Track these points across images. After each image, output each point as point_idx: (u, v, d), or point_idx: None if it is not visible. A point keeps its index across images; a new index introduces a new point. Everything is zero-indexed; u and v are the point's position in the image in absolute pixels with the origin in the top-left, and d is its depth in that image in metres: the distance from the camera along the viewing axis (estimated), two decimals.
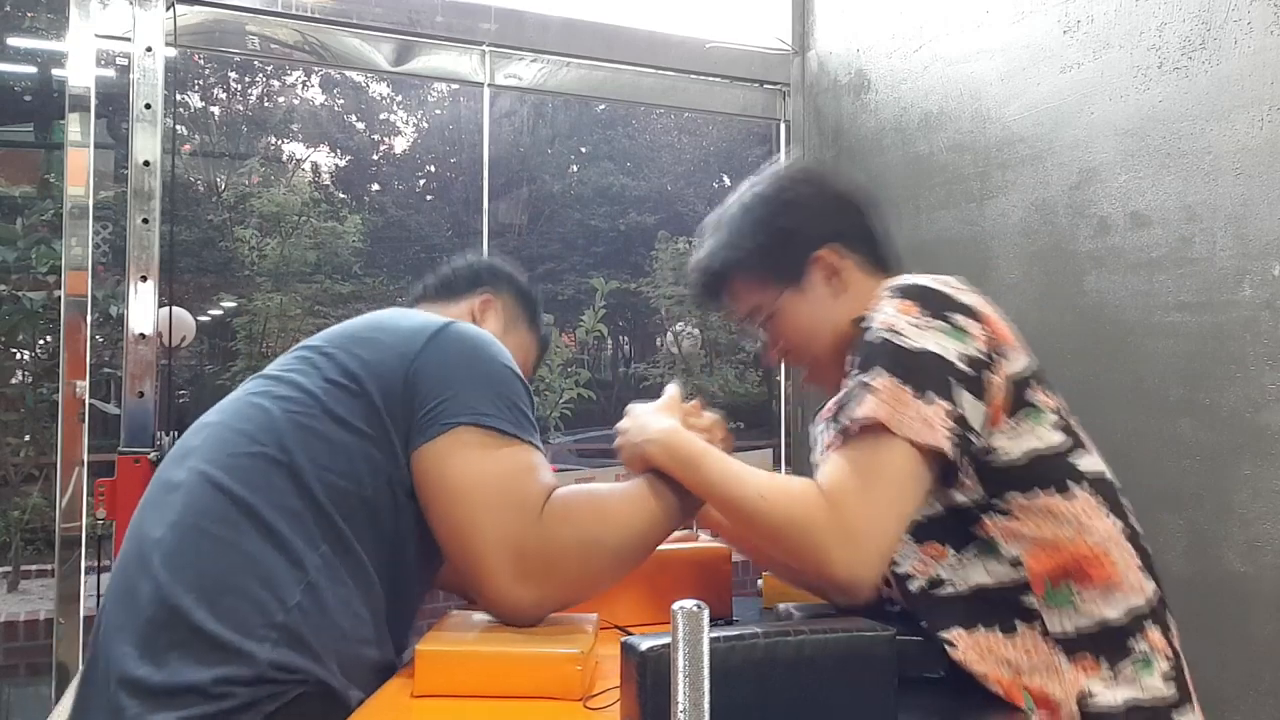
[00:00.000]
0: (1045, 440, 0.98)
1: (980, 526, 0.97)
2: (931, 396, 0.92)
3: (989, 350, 0.97)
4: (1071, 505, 0.97)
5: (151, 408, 1.77)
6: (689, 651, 0.50)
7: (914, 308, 0.98)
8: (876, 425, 0.92)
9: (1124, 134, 1.62)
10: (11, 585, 5.75)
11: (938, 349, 0.95)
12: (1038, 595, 0.95)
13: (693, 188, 14.03)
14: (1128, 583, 0.97)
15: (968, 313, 0.98)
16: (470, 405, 0.96)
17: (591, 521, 0.97)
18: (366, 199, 13.45)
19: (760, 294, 1.12)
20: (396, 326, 1.02)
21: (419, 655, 0.89)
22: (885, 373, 0.94)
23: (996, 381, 0.96)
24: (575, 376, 5.85)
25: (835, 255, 1.10)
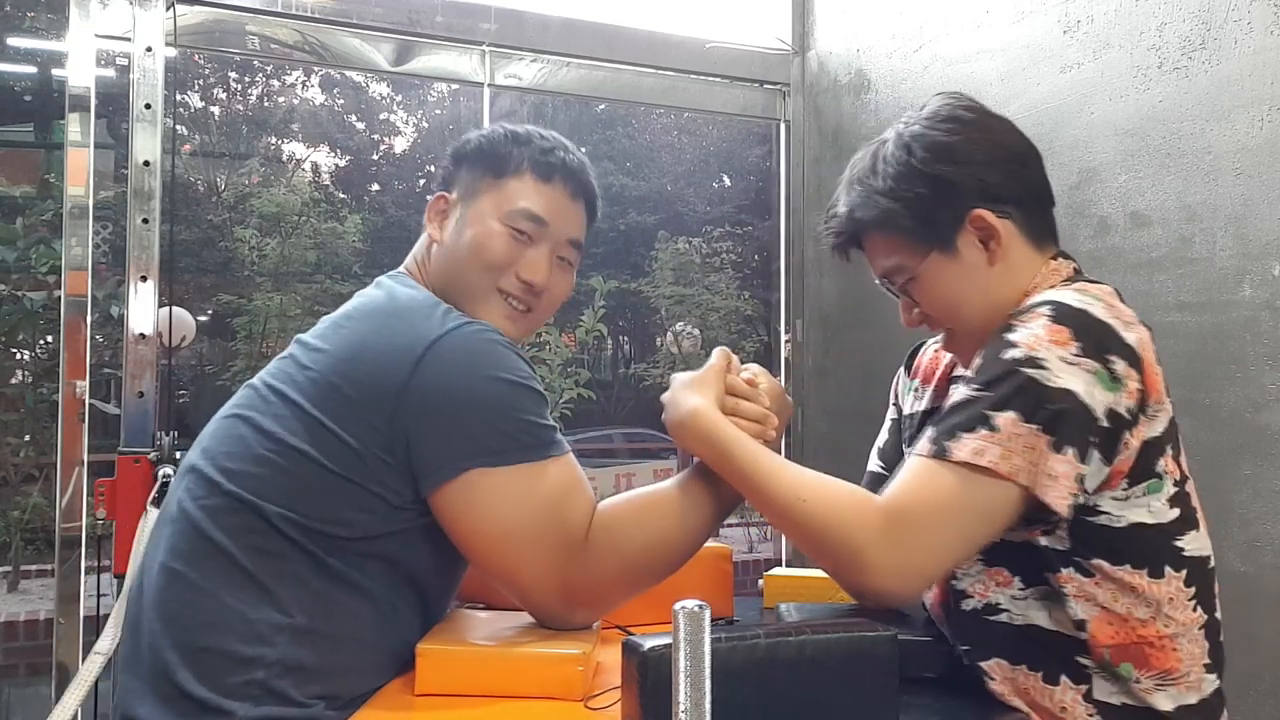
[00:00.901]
0: (1157, 516, 0.90)
1: (1057, 577, 0.91)
2: (1068, 452, 0.83)
3: (1138, 407, 0.87)
4: (1157, 588, 0.90)
5: (151, 408, 1.77)
6: (690, 652, 0.50)
7: (1070, 339, 0.86)
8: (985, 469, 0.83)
9: (1124, 134, 1.62)
10: (11, 585, 5.75)
11: (1085, 396, 0.84)
12: (1095, 661, 0.90)
13: (693, 188, 14.01)
14: (1188, 679, 0.91)
15: (1129, 358, 0.87)
16: (476, 442, 0.89)
17: (636, 543, 0.94)
18: (366, 199, 13.43)
19: (905, 252, 0.97)
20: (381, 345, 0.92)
21: (420, 654, 0.89)
22: (1017, 415, 0.84)
23: (1131, 444, 0.88)
24: (575, 376, 5.84)
25: (996, 216, 0.95)
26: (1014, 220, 0.97)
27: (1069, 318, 0.87)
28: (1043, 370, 0.85)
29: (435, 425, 0.89)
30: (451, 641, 0.92)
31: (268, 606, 0.87)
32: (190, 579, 0.90)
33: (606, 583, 0.94)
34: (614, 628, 1.09)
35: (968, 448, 0.84)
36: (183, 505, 0.94)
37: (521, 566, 0.91)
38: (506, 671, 0.88)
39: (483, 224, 1.05)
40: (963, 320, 0.98)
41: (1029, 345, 0.86)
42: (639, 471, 1.46)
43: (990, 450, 0.84)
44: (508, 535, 0.90)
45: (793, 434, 2.39)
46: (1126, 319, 0.91)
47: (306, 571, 0.89)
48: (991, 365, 0.87)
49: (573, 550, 0.91)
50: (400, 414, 0.88)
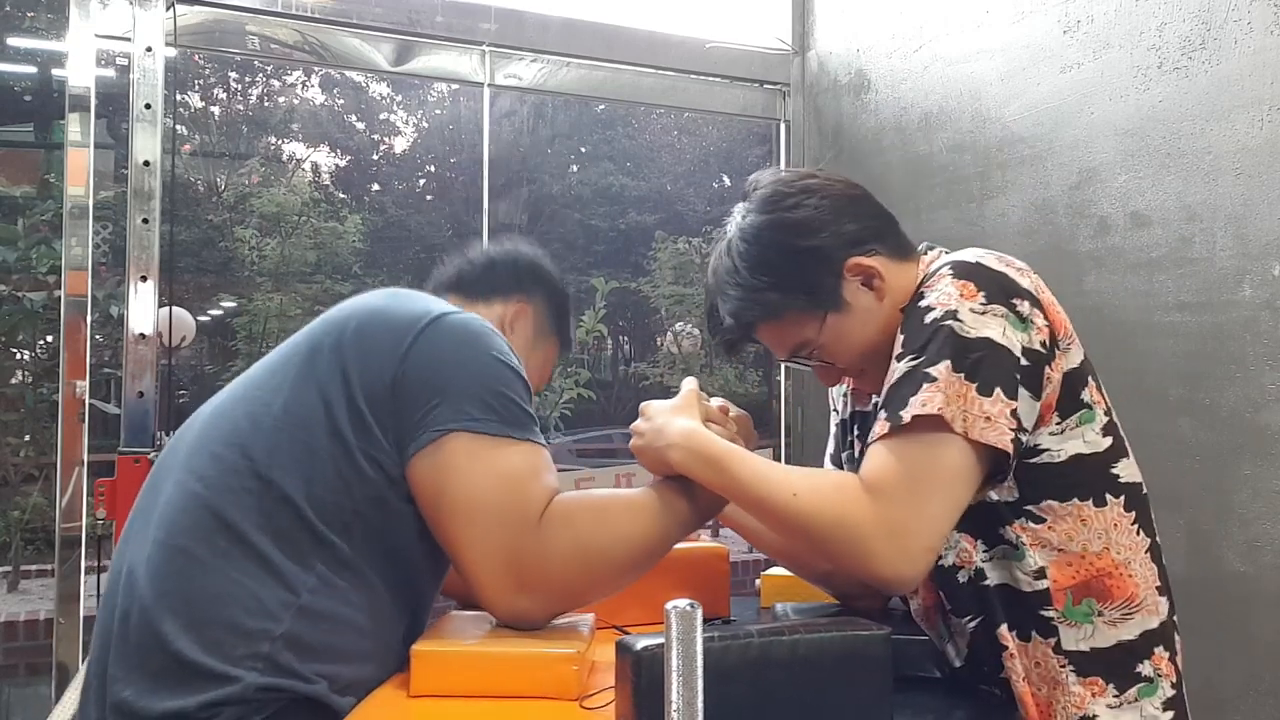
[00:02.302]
0: (1092, 445, 0.95)
1: (1010, 528, 0.94)
2: (996, 393, 0.88)
3: (1049, 342, 0.93)
4: (1103, 516, 0.94)
5: (151, 408, 1.77)
6: (683, 651, 0.50)
7: (976, 291, 0.92)
8: (935, 420, 0.87)
9: (1124, 134, 1.62)
10: (11, 585, 5.75)
11: (1001, 339, 0.89)
12: (1057, 608, 0.94)
13: (693, 188, 14.02)
14: (1145, 604, 0.95)
15: (1031, 299, 0.93)
16: (462, 409, 0.91)
17: (594, 530, 0.94)
18: (366, 199, 13.44)
19: (804, 327, 1.01)
20: (387, 316, 0.97)
21: (415, 655, 0.89)
22: (947, 364, 0.88)
23: (1053, 378, 0.93)
24: (575, 376, 5.85)
25: (865, 258, 1.00)
26: (881, 253, 1.02)
27: (969, 272, 0.94)
28: (960, 322, 0.90)
29: (428, 392, 0.92)
30: (446, 642, 0.92)
31: (276, 584, 0.88)
32: (195, 553, 0.89)
33: (559, 567, 0.92)
34: (609, 627, 1.09)
35: (916, 404, 0.88)
36: (186, 484, 0.93)
37: (475, 537, 0.91)
38: (501, 672, 0.88)
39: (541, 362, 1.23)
40: (875, 359, 1.02)
41: (943, 304, 0.92)
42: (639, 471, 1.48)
43: (934, 398, 0.87)
44: (467, 502, 0.91)
45: (792, 434, 2.39)
46: (1018, 267, 0.97)
47: (314, 554, 0.90)
48: (918, 332, 0.92)
49: (526, 526, 0.91)
50: (400, 378, 0.92)
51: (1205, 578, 1.46)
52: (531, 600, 0.93)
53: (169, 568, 0.90)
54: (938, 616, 1.03)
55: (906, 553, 0.86)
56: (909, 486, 0.87)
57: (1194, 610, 1.02)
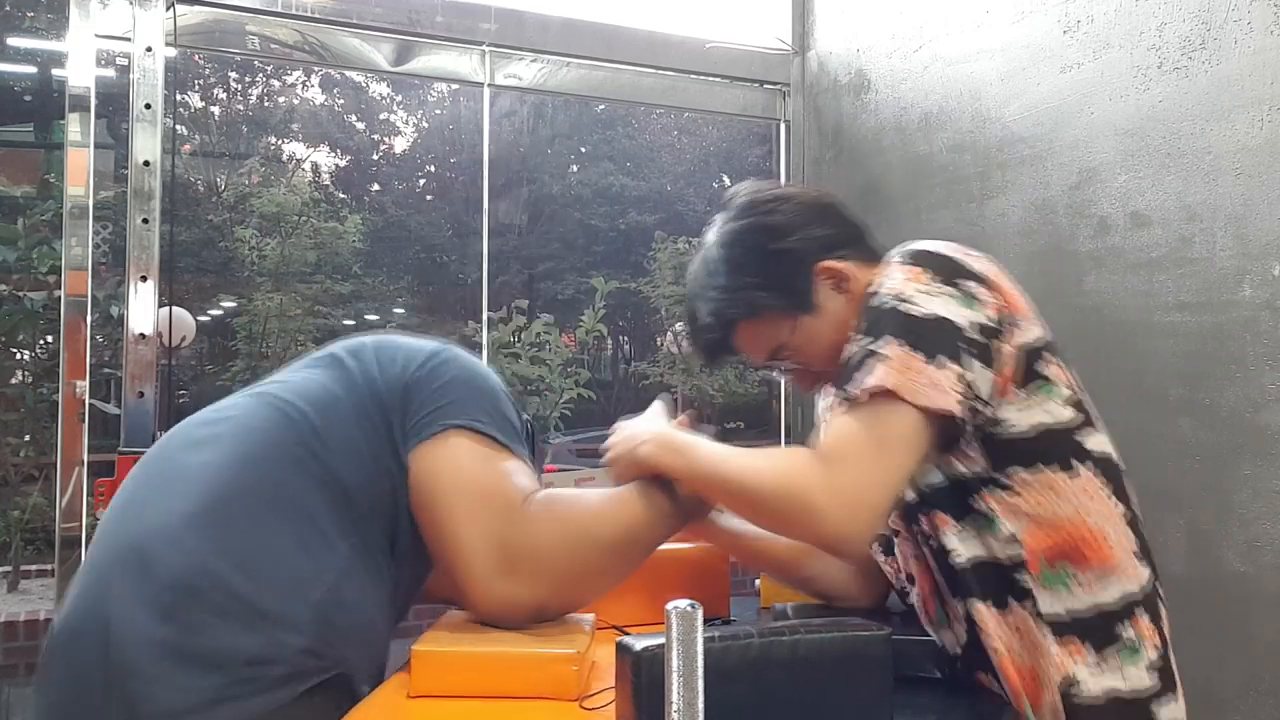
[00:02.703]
0: (1055, 415, 0.97)
1: (980, 499, 0.97)
2: (942, 360, 0.91)
3: (1000, 318, 0.95)
4: (1074, 483, 0.96)
5: (151, 408, 1.77)
6: (683, 651, 0.50)
7: (923, 274, 0.95)
8: (886, 393, 0.90)
9: (1124, 134, 1.62)
10: (11, 585, 5.75)
11: (947, 314, 0.93)
12: (1033, 574, 0.95)
13: (693, 188, 14.03)
14: (1123, 568, 0.96)
15: (979, 280, 0.96)
16: (465, 411, 0.99)
17: (577, 515, 0.98)
18: (366, 199, 13.45)
19: (779, 329, 1.06)
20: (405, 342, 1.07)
21: (415, 655, 0.89)
22: (894, 340, 0.92)
23: (1007, 350, 0.95)
24: (575, 376, 5.85)
25: (836, 261, 1.05)
26: (851, 257, 1.06)
27: (917, 257, 0.98)
28: (908, 303, 0.94)
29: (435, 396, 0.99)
30: (446, 643, 0.92)
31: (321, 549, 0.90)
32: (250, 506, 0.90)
33: (546, 547, 0.95)
34: (609, 627, 1.10)
35: (865, 379, 0.92)
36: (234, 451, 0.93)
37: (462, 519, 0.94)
38: (501, 672, 0.88)
39: None
40: None
41: (892, 290, 0.96)
42: None
43: (882, 373, 0.91)
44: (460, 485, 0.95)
45: (793, 434, 2.39)
46: (969, 252, 1.00)
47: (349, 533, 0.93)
48: (868, 316, 0.96)
49: (513, 509, 0.95)
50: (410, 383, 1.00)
51: (1205, 578, 1.46)
52: (519, 585, 0.94)
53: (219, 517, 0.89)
54: (935, 602, 1.05)
55: (851, 510, 0.88)
56: (855, 450, 0.90)
57: (1194, 610, 1.02)
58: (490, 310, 3.52)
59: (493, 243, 2.43)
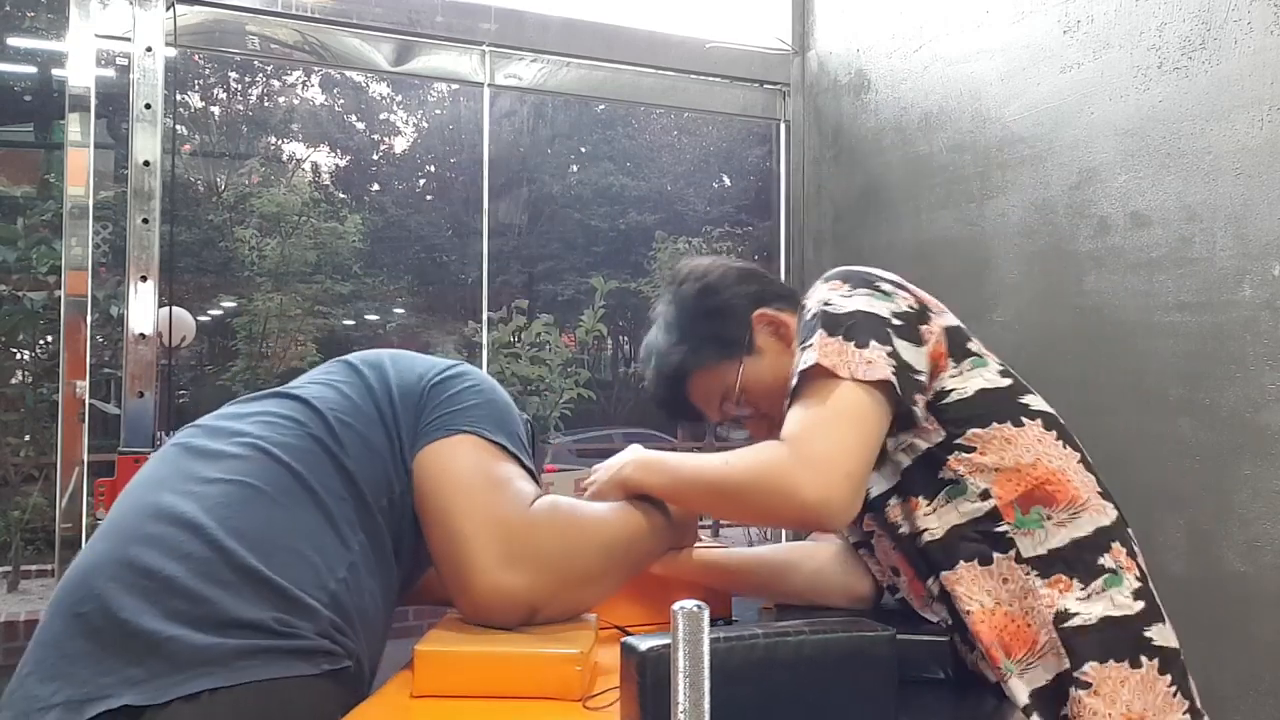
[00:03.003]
0: (992, 382, 1.05)
1: (946, 467, 1.03)
2: (870, 343, 0.99)
3: (918, 307, 1.06)
4: (1026, 433, 1.03)
5: (151, 408, 1.77)
6: (689, 652, 0.50)
7: (841, 284, 1.06)
8: (818, 370, 0.97)
9: (1124, 134, 1.62)
10: (11, 585, 5.75)
11: (869, 308, 1.02)
12: (1008, 521, 1.00)
13: (693, 188, 14.03)
14: (1091, 504, 1.02)
15: (891, 282, 1.07)
16: (475, 419, 1.02)
17: (578, 519, 1.01)
18: (366, 199, 13.45)
19: (725, 375, 1.16)
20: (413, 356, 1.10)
21: (418, 655, 0.89)
22: (823, 332, 1.00)
23: (933, 330, 1.05)
24: (575, 376, 5.85)
25: (770, 310, 1.17)
26: (783, 309, 1.18)
27: (836, 274, 1.09)
28: (830, 305, 1.04)
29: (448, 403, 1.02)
30: (449, 643, 0.92)
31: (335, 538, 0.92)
32: (264, 490, 0.91)
33: (546, 543, 0.96)
34: (612, 628, 1.10)
35: (799, 365, 1.00)
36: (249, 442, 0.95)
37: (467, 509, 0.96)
38: (504, 672, 0.88)
39: None
40: None
41: (817, 301, 1.06)
42: None
43: (812, 355, 0.99)
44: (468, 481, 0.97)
45: None
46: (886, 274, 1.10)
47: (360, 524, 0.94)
48: (801, 330, 1.06)
49: (516, 506, 0.97)
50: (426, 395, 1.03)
51: (1205, 578, 1.47)
52: (518, 578, 0.94)
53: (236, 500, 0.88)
54: (921, 584, 1.08)
55: (828, 479, 0.93)
56: (815, 423, 0.96)
57: (1194, 610, 1.03)
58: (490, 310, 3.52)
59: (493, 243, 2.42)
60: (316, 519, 0.91)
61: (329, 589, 0.88)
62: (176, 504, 0.87)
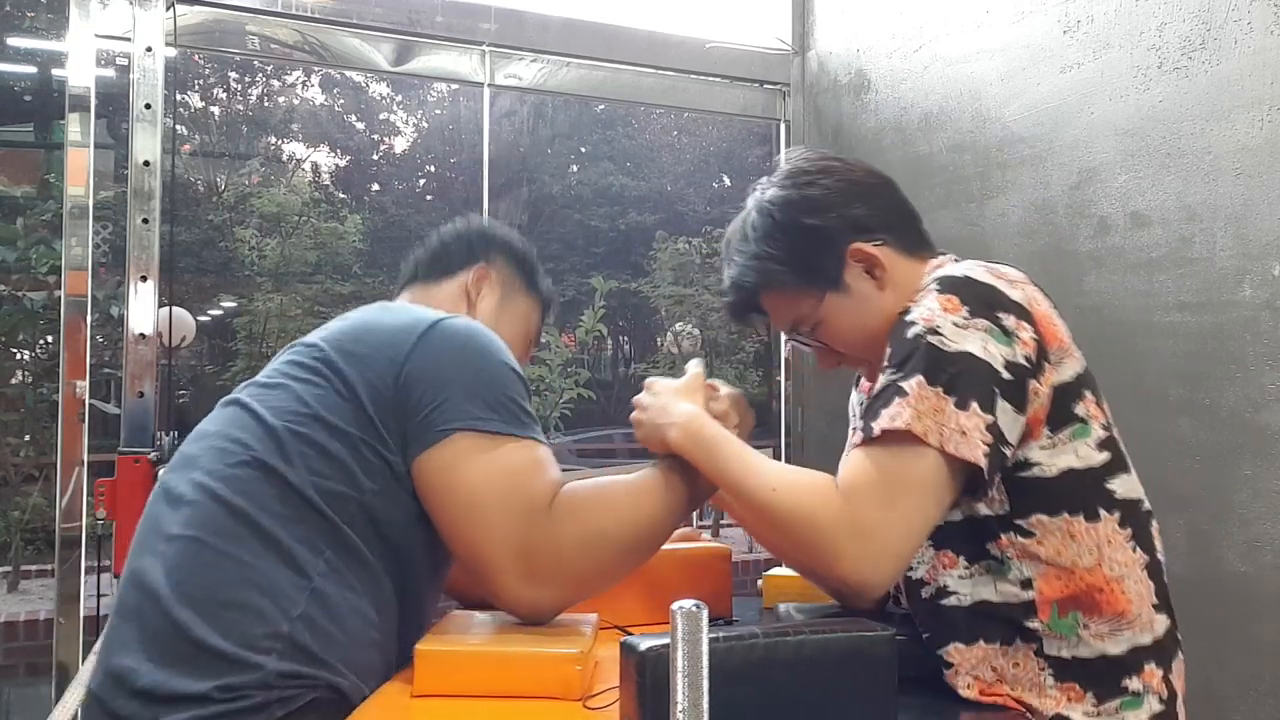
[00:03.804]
0: (1085, 459, 0.93)
1: (997, 544, 0.94)
2: (972, 407, 0.87)
3: (1037, 356, 0.92)
4: (1096, 531, 0.93)
5: (151, 408, 1.77)
6: (688, 651, 0.50)
7: (959, 305, 0.91)
8: (905, 434, 0.87)
9: (1124, 134, 1.62)
10: (11, 585, 5.76)
11: (981, 354, 0.89)
12: (1042, 620, 0.92)
13: (693, 188, 14.03)
14: (1139, 619, 0.93)
15: (1018, 312, 0.92)
16: (465, 409, 0.94)
17: (599, 518, 0.96)
18: (366, 199, 13.44)
19: (801, 303, 1.04)
20: (384, 325, 1.00)
21: (419, 655, 0.89)
22: (923, 377, 0.88)
23: (1041, 391, 0.92)
24: (575, 376, 5.84)
25: (870, 245, 1.02)
26: (889, 244, 1.03)
27: (954, 285, 0.94)
28: (940, 336, 0.90)
29: (432, 393, 0.95)
30: (449, 642, 0.92)
31: (289, 568, 0.89)
32: (209, 543, 0.90)
33: (568, 556, 0.94)
34: (612, 627, 1.10)
35: (886, 417, 0.89)
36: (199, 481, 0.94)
37: (485, 534, 0.93)
38: (504, 672, 0.88)
39: (518, 326, 1.23)
40: (874, 347, 1.01)
41: (925, 319, 0.92)
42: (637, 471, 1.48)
43: (903, 413, 0.88)
44: (474, 497, 0.93)
45: (792, 434, 2.39)
46: (1011, 279, 0.96)
47: (322, 539, 0.91)
48: (899, 346, 0.93)
49: (535, 518, 0.93)
50: (403, 381, 0.95)
51: (1205, 578, 1.47)
52: (542, 590, 0.94)
53: (185, 559, 0.90)
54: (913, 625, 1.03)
55: (871, 556, 0.86)
56: (881, 491, 0.87)
57: (1194, 610, 1.02)
58: None
59: None
60: (266, 559, 0.89)
61: (283, 632, 0.86)
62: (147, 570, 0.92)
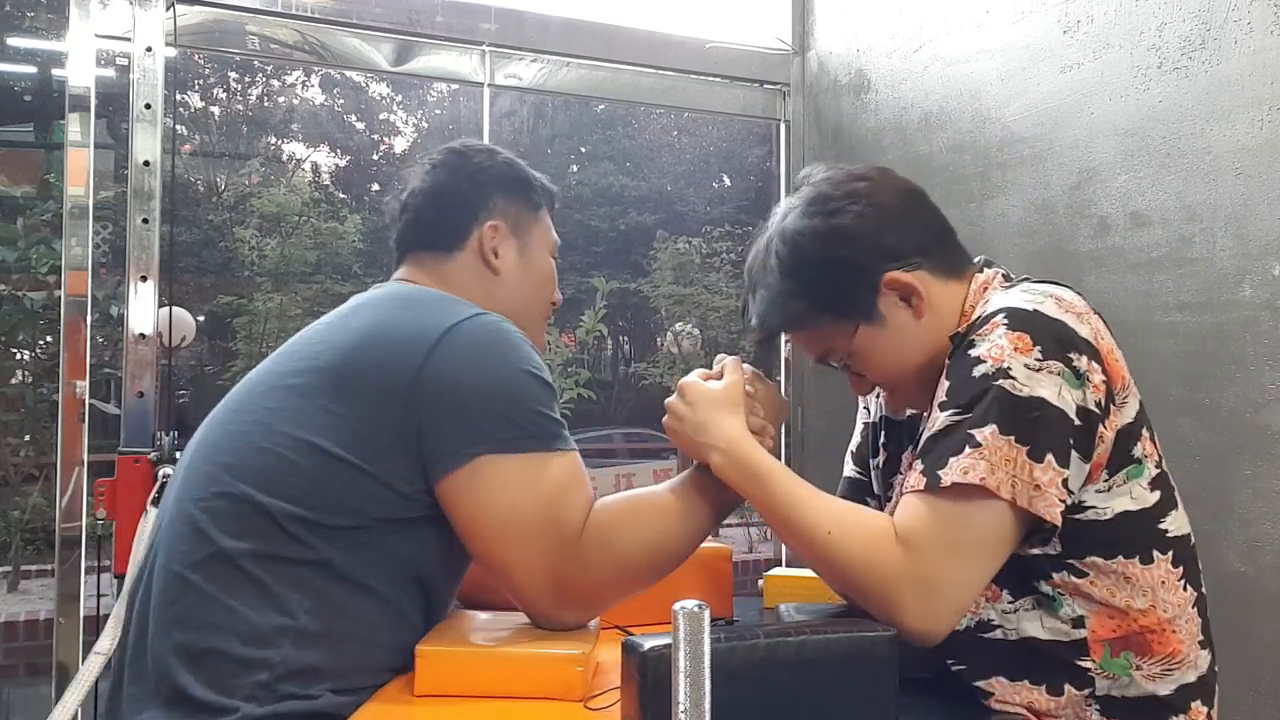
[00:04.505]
0: (1140, 500, 0.92)
1: (1049, 582, 0.91)
2: (1047, 460, 0.85)
3: (1105, 401, 0.89)
4: (1150, 574, 0.91)
5: (151, 408, 1.77)
6: (690, 652, 0.50)
7: (1031, 345, 0.87)
8: (977, 489, 0.85)
9: (1124, 134, 1.62)
10: (11, 585, 5.75)
11: (1057, 401, 0.86)
12: (1094, 659, 0.91)
13: (693, 188, 14.02)
14: (1188, 659, 0.92)
15: (1090, 352, 0.89)
16: (486, 430, 0.89)
17: (632, 543, 0.94)
18: (366, 199, 13.42)
19: (833, 336, 0.99)
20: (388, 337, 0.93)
21: (420, 655, 0.89)
22: (996, 427, 0.85)
23: (1106, 437, 0.90)
24: (575, 376, 5.84)
25: (905, 273, 0.96)
26: (924, 268, 0.97)
27: (1025, 322, 0.89)
28: (1012, 380, 0.86)
29: (448, 412, 0.89)
30: (451, 642, 0.92)
31: (271, 610, 0.87)
32: (193, 582, 0.89)
33: (599, 583, 0.94)
34: (614, 628, 1.09)
35: (957, 469, 0.86)
36: (182, 506, 0.93)
37: (517, 559, 0.91)
38: (506, 672, 0.88)
39: (543, 257, 1.17)
40: (910, 377, 0.99)
41: (995, 358, 0.88)
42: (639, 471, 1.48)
43: (977, 466, 0.85)
44: (506, 525, 0.90)
45: (792, 433, 2.39)
46: (1078, 311, 0.92)
47: (310, 572, 0.88)
48: (965, 385, 0.88)
49: (567, 547, 0.91)
50: (415, 400, 0.89)
51: (1205, 578, 1.46)
52: (572, 611, 0.95)
53: (170, 595, 0.90)
54: None
55: (934, 612, 0.85)
56: (944, 546, 0.85)
57: None
58: None
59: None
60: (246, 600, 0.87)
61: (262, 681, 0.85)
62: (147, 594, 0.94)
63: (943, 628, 0.86)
